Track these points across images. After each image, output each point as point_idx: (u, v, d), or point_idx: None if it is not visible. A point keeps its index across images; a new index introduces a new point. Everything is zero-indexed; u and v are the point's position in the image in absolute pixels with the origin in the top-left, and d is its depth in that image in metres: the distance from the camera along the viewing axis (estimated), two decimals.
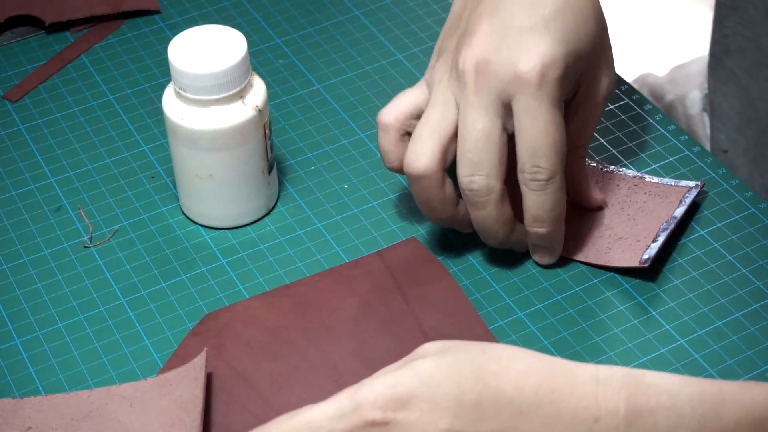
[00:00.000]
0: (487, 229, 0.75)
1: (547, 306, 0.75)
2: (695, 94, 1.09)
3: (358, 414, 0.56)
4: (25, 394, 0.71)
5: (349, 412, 0.57)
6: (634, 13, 2.24)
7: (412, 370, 0.57)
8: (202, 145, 0.77)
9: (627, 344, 0.72)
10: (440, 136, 0.73)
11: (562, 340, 0.73)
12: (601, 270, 0.77)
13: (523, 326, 0.74)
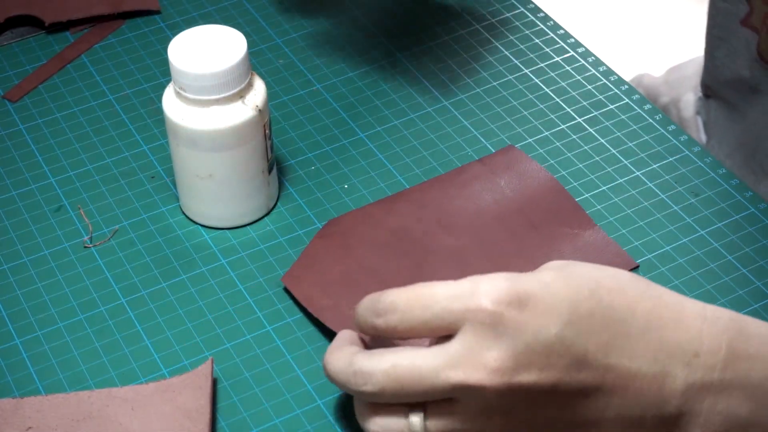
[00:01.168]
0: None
1: None
2: (689, 97, 1.09)
3: (474, 300, 0.59)
4: (25, 394, 0.71)
5: (467, 296, 0.59)
6: (633, 13, 2.24)
7: (533, 276, 0.60)
8: (202, 145, 0.77)
9: None
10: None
11: None
12: None
13: None
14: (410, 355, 0.61)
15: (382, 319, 0.62)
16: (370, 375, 0.61)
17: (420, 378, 0.60)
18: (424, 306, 0.60)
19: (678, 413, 0.60)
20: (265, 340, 0.74)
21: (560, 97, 0.89)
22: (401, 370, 0.60)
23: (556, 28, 0.95)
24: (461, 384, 0.59)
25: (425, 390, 0.60)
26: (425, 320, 0.60)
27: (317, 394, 0.71)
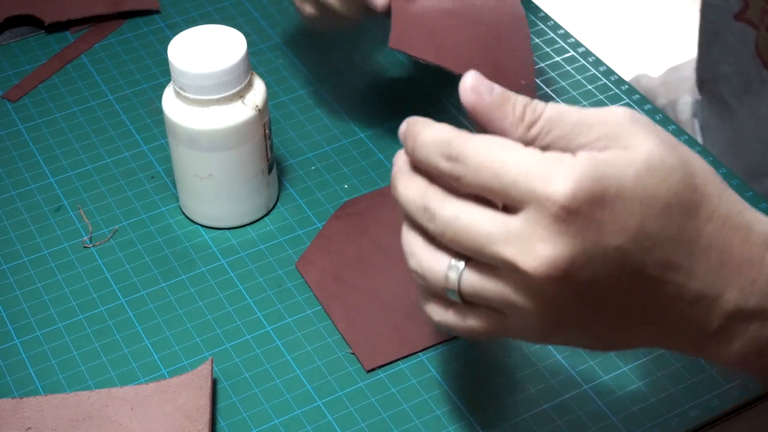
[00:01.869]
0: None
1: None
2: (686, 100, 1.09)
3: (546, 186, 0.57)
4: (25, 394, 0.71)
5: (540, 179, 0.57)
6: (633, 13, 2.24)
7: (613, 170, 0.57)
8: (201, 145, 0.77)
9: None
10: None
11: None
12: None
13: None
14: (475, 214, 0.59)
15: (449, 164, 0.60)
16: (434, 215, 0.61)
17: (475, 238, 0.59)
18: (494, 172, 0.59)
19: (718, 329, 0.60)
20: (265, 340, 0.74)
21: (560, 97, 0.89)
22: (461, 223, 0.60)
23: (556, 28, 0.95)
24: (509, 261, 0.58)
25: (476, 250, 0.59)
26: (492, 186, 0.59)
27: (317, 394, 0.71)
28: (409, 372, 0.72)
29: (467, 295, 0.61)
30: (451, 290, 0.61)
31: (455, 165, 0.59)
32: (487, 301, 0.60)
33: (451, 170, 0.60)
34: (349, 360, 0.73)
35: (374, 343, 0.73)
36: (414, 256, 0.62)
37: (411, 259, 0.63)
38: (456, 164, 0.59)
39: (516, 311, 0.60)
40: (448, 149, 0.60)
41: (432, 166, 0.61)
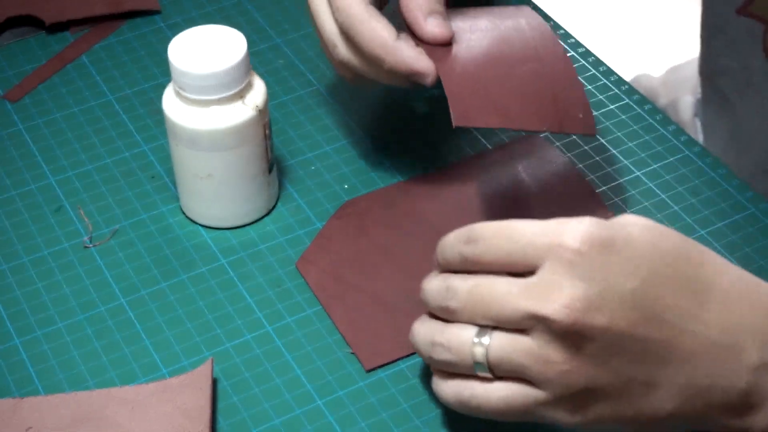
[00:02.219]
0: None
1: None
2: (687, 99, 1.09)
3: (559, 237, 0.61)
4: (25, 394, 0.71)
5: (553, 233, 0.61)
6: (633, 13, 2.24)
7: (621, 226, 0.61)
8: (202, 145, 0.77)
9: None
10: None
11: None
12: None
13: None
14: (492, 280, 0.63)
15: (469, 247, 0.64)
16: (456, 291, 0.64)
17: (495, 300, 0.62)
18: (510, 238, 0.62)
19: (748, 389, 0.61)
20: (265, 340, 0.74)
21: None
22: (481, 290, 0.62)
23: (556, 28, 0.95)
24: (532, 313, 0.60)
25: (497, 313, 0.62)
26: (509, 252, 0.62)
27: (317, 394, 0.71)
28: (409, 372, 0.72)
29: (496, 361, 0.62)
30: (479, 362, 0.63)
31: (475, 245, 0.63)
32: (517, 366, 0.62)
33: (472, 251, 0.63)
34: (349, 360, 0.73)
35: (374, 343, 0.73)
36: (439, 335, 0.64)
37: (437, 337, 0.64)
38: (475, 244, 0.63)
39: (544, 375, 0.61)
40: (467, 235, 0.64)
41: (455, 256, 0.64)
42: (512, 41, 0.77)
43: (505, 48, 0.76)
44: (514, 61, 0.75)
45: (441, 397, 0.66)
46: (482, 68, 0.75)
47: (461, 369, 0.64)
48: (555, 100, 0.74)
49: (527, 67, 0.75)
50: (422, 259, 0.77)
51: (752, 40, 0.93)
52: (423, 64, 0.74)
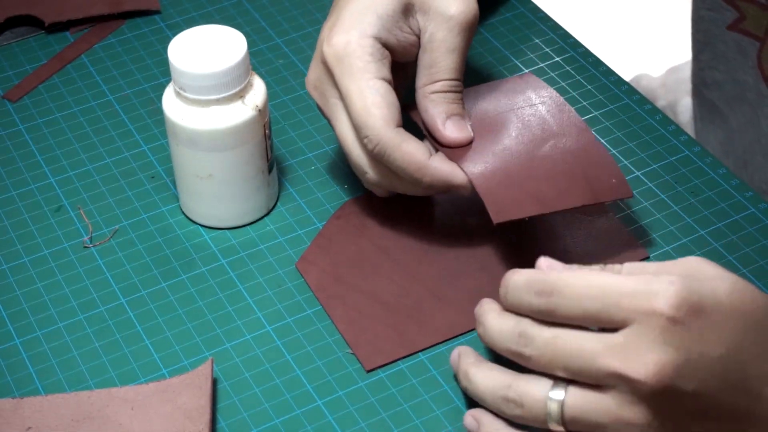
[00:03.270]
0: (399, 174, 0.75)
1: None
2: (686, 101, 1.09)
3: (649, 302, 0.60)
4: (25, 394, 0.71)
5: (641, 296, 0.60)
6: (633, 13, 2.24)
7: (707, 287, 0.61)
8: (202, 145, 0.77)
9: None
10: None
11: None
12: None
13: None
14: (574, 334, 0.62)
15: (543, 300, 0.62)
16: (532, 339, 0.63)
17: (578, 355, 0.61)
18: (595, 297, 0.61)
19: None
20: (265, 340, 0.74)
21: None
22: (562, 342, 0.62)
23: (556, 28, 0.95)
24: (618, 373, 0.60)
25: (579, 368, 0.61)
26: (594, 311, 0.61)
27: (317, 394, 0.71)
28: (409, 372, 0.72)
29: (571, 417, 0.62)
30: (553, 416, 0.62)
31: (550, 299, 0.62)
32: (593, 425, 0.61)
33: (546, 304, 0.62)
34: (349, 360, 0.73)
35: (374, 343, 0.73)
36: (512, 391, 0.63)
37: (509, 393, 0.63)
38: (551, 298, 0.62)
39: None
40: (541, 286, 0.62)
41: (524, 306, 0.63)
42: (528, 121, 0.77)
43: (523, 131, 0.76)
44: (536, 142, 0.75)
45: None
46: (508, 159, 0.74)
47: (531, 422, 0.63)
48: (585, 174, 0.74)
49: (550, 146, 0.75)
50: (423, 259, 0.77)
51: (742, 55, 0.93)
52: (460, 179, 0.73)
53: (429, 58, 0.75)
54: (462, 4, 0.74)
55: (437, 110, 0.75)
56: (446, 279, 0.76)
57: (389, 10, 0.74)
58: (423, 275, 0.76)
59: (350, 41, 0.73)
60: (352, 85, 0.73)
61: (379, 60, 0.73)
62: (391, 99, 0.73)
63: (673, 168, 0.84)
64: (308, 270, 0.77)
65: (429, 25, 0.75)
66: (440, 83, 0.75)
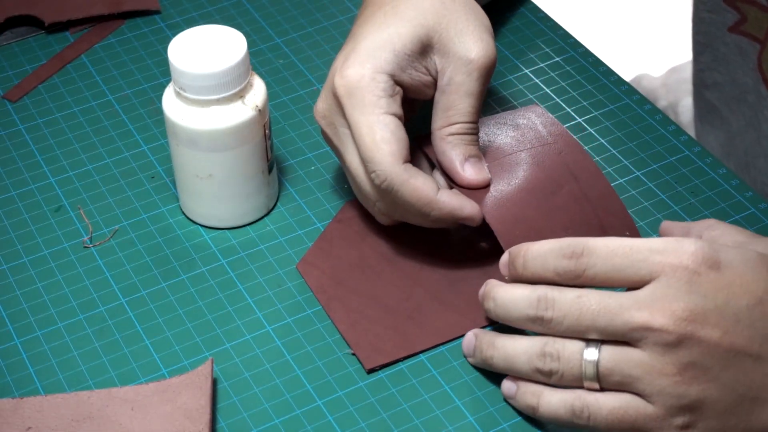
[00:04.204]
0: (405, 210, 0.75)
1: None
2: (687, 102, 1.09)
3: (676, 255, 0.62)
4: (25, 394, 0.71)
5: (669, 251, 0.62)
6: (633, 13, 2.24)
7: (736, 248, 0.64)
8: (202, 145, 0.77)
9: None
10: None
11: None
12: None
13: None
14: (598, 292, 0.63)
15: (573, 261, 0.64)
16: (554, 301, 0.64)
17: (605, 312, 0.62)
18: (625, 254, 0.63)
19: None
20: (265, 340, 0.74)
21: (560, 97, 0.89)
22: (587, 300, 0.63)
23: (556, 28, 0.95)
24: (644, 325, 0.61)
25: (606, 325, 0.62)
26: (622, 267, 0.63)
27: (317, 394, 0.71)
28: (409, 372, 0.72)
29: (607, 371, 0.63)
30: (588, 374, 0.63)
31: (581, 259, 0.64)
32: (627, 377, 0.63)
33: (576, 265, 0.64)
34: (349, 360, 0.73)
35: (375, 344, 0.73)
36: (550, 345, 0.65)
37: (548, 347, 0.65)
38: (582, 258, 0.64)
39: (655, 386, 0.62)
40: (570, 249, 0.64)
41: (549, 271, 0.65)
42: (543, 162, 0.77)
43: (539, 173, 0.76)
44: (552, 187, 0.76)
45: (547, 409, 0.66)
46: (527, 208, 0.75)
47: (567, 379, 0.64)
48: (601, 223, 0.74)
49: (566, 192, 0.75)
50: (424, 264, 0.77)
51: (742, 57, 0.93)
52: (468, 211, 0.73)
53: (446, 101, 0.75)
54: (482, 48, 0.74)
55: (455, 152, 0.75)
56: (448, 283, 0.76)
57: (407, 49, 0.74)
58: (424, 280, 0.76)
59: (364, 75, 0.73)
60: (362, 119, 0.73)
61: (390, 96, 0.73)
62: (401, 135, 0.73)
63: (673, 168, 0.84)
64: (309, 272, 0.77)
65: (448, 67, 0.75)
66: (457, 126, 0.75)
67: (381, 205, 0.75)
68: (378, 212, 0.77)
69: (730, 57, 0.95)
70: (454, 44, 0.74)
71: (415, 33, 0.74)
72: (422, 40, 0.74)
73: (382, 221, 0.78)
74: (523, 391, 0.67)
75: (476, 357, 0.70)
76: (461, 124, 0.75)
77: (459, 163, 0.75)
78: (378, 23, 0.75)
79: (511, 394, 0.68)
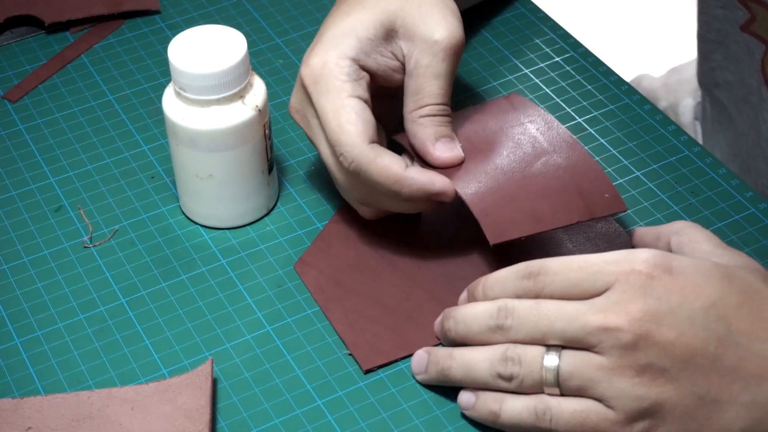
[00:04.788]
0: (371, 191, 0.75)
1: None
2: (688, 102, 1.09)
3: (629, 264, 0.63)
4: (25, 394, 0.71)
5: (623, 261, 0.64)
6: (633, 13, 2.24)
7: (689, 257, 0.65)
8: (202, 145, 0.77)
9: None
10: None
11: None
12: None
13: None
14: (555, 301, 0.64)
15: (531, 281, 0.65)
16: (513, 309, 0.65)
17: (562, 317, 0.63)
18: (580, 268, 0.64)
19: None
20: (265, 340, 0.74)
21: (560, 97, 0.89)
22: (545, 307, 0.64)
23: (556, 28, 0.95)
24: (601, 326, 0.62)
25: (563, 328, 0.63)
26: (579, 281, 0.64)
27: (317, 394, 0.71)
28: (409, 372, 0.72)
29: (567, 375, 0.64)
30: (548, 378, 0.64)
31: (538, 278, 0.65)
32: (587, 381, 0.63)
33: (534, 284, 0.65)
34: (348, 360, 0.73)
35: (372, 344, 0.73)
36: (511, 350, 0.65)
37: (509, 352, 0.65)
38: (539, 277, 0.65)
39: (614, 389, 0.62)
40: (526, 270, 0.66)
41: (509, 294, 0.66)
42: (518, 139, 0.77)
43: (514, 150, 0.76)
44: (528, 160, 0.75)
45: (510, 414, 0.66)
46: (501, 179, 0.74)
47: (527, 384, 0.65)
48: (579, 189, 0.74)
49: (542, 163, 0.75)
50: (422, 264, 0.77)
51: (749, 57, 0.93)
52: (439, 185, 0.73)
53: (415, 84, 0.75)
54: (447, 29, 0.74)
55: (426, 132, 0.75)
56: (446, 283, 0.76)
57: (370, 34, 0.74)
58: (422, 280, 0.76)
59: (327, 62, 0.73)
60: (328, 105, 0.73)
61: (355, 80, 0.74)
62: (366, 116, 0.73)
63: (673, 168, 0.84)
64: (306, 272, 0.77)
65: (414, 51, 0.75)
66: (427, 108, 0.75)
67: (355, 193, 0.75)
68: (357, 203, 0.77)
69: (740, 56, 0.94)
70: (418, 27, 0.75)
71: (377, 18, 0.74)
72: (385, 25, 0.74)
73: (364, 214, 0.78)
74: (484, 399, 0.67)
75: (429, 372, 0.70)
76: (431, 106, 0.75)
77: (430, 143, 0.75)
78: (342, 13, 0.76)
79: (469, 405, 0.68)
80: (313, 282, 0.76)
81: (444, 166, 0.75)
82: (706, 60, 1.00)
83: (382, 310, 0.75)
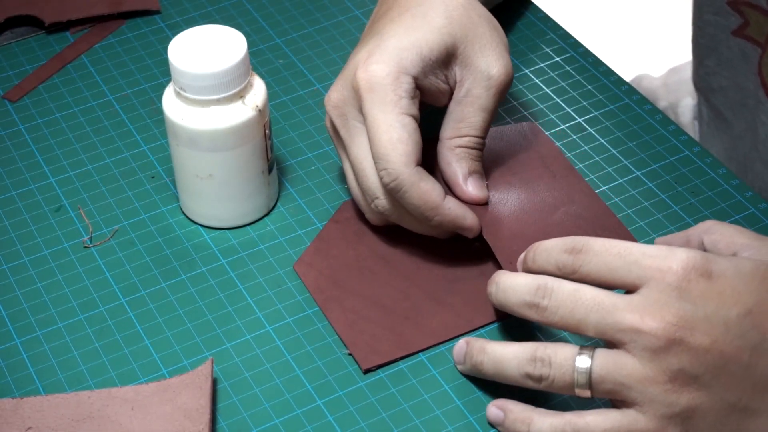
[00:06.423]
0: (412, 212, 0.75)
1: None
2: (687, 102, 1.09)
3: (667, 261, 0.62)
4: (25, 394, 0.71)
5: (661, 257, 0.63)
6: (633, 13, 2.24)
7: (729, 258, 0.64)
8: (202, 145, 0.77)
9: None
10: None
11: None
12: None
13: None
14: (594, 289, 0.64)
15: (572, 256, 0.65)
16: (551, 290, 0.65)
17: (598, 308, 0.63)
18: (619, 254, 0.64)
19: None
20: (265, 340, 0.74)
21: (560, 97, 0.89)
22: (583, 295, 0.64)
23: (556, 28, 0.95)
24: (635, 327, 0.62)
25: (597, 321, 0.63)
26: (615, 267, 0.64)
27: (317, 394, 0.71)
28: (409, 372, 0.72)
29: (599, 378, 0.63)
30: (581, 380, 0.63)
31: (579, 255, 0.65)
32: (618, 385, 0.63)
33: (573, 261, 0.65)
34: (348, 360, 0.73)
35: (371, 344, 0.73)
36: (541, 350, 0.65)
37: (539, 352, 0.65)
38: (580, 254, 0.65)
39: (647, 393, 0.62)
40: (572, 245, 0.65)
41: (551, 265, 0.66)
42: (538, 186, 0.78)
43: (536, 197, 0.78)
44: (549, 209, 0.77)
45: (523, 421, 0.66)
46: (525, 226, 0.76)
47: (557, 385, 0.65)
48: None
49: (562, 212, 0.77)
50: (421, 265, 0.77)
51: (745, 61, 0.93)
52: (470, 221, 0.75)
53: (460, 112, 0.75)
54: (504, 66, 0.75)
55: (460, 165, 0.76)
56: (445, 284, 0.76)
57: (433, 55, 0.74)
58: (421, 280, 0.76)
59: (389, 73, 0.73)
60: (381, 116, 0.73)
61: (411, 98, 0.74)
62: (417, 138, 0.73)
63: (673, 168, 0.84)
64: (306, 272, 0.77)
65: (467, 79, 0.75)
66: (467, 138, 0.76)
67: (381, 203, 0.75)
68: (371, 211, 0.77)
69: (734, 61, 0.95)
70: (477, 58, 0.75)
71: (443, 41, 0.74)
72: (448, 50, 0.75)
73: (373, 221, 0.78)
74: (513, 419, 0.67)
75: (466, 363, 0.70)
76: (470, 137, 0.76)
77: (462, 177, 0.76)
78: (406, 25, 0.75)
79: (499, 422, 0.68)
80: (312, 282, 0.76)
81: (472, 203, 0.76)
82: (701, 65, 1.00)
83: (381, 310, 0.75)
